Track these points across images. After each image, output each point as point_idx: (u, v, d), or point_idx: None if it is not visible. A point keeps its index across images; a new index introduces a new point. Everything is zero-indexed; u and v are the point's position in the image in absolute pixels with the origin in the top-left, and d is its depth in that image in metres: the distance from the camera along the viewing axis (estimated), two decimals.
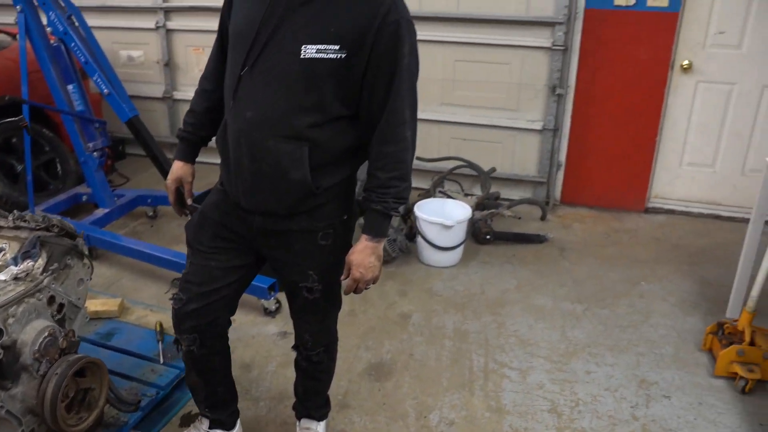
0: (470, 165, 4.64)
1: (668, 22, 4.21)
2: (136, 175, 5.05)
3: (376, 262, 1.90)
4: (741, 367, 2.79)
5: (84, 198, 4.23)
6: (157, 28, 5.26)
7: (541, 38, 4.46)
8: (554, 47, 4.41)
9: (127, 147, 5.13)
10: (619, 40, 4.32)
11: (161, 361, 2.76)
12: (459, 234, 3.92)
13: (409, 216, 4.18)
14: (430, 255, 3.95)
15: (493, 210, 4.35)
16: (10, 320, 1.98)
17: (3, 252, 2.21)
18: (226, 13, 1.94)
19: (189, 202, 2.16)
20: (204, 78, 2.09)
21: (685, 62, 4.33)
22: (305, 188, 1.83)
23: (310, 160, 1.80)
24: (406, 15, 1.75)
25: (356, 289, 1.93)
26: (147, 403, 2.52)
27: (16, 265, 2.15)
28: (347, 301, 3.47)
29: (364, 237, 1.88)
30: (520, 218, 4.42)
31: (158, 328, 2.91)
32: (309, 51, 1.71)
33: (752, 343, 2.83)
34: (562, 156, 4.72)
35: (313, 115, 1.77)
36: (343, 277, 1.96)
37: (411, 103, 1.81)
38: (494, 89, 4.69)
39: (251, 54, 1.76)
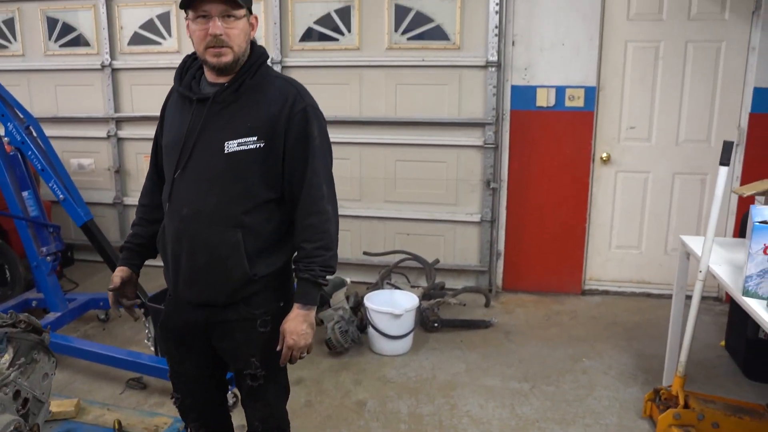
0: (415, 258, 4.87)
1: (586, 119, 4.68)
2: (86, 280, 5.06)
3: (309, 329, 2.02)
4: (679, 429, 2.98)
5: (34, 303, 4.22)
6: (109, 137, 5.46)
7: (474, 137, 4.85)
8: (486, 145, 4.80)
9: (75, 253, 5.17)
10: (544, 137, 4.76)
11: None
12: (408, 322, 4.08)
13: (359, 308, 4.33)
14: (381, 344, 4.08)
15: (439, 299, 4.53)
16: None
17: None
18: (158, 132, 2.20)
19: (127, 303, 2.27)
20: (142, 195, 2.29)
21: (604, 154, 4.78)
22: (243, 275, 2.00)
23: (245, 246, 1.99)
24: (312, 102, 2.02)
25: (291, 357, 2.03)
26: None
27: None
28: (303, 392, 3.57)
29: (295, 306, 2.02)
30: (465, 305, 4.63)
31: (116, 426, 2.90)
32: (231, 146, 1.94)
33: (686, 406, 3.04)
34: (501, 245, 5.02)
35: (243, 203, 1.98)
36: (278, 348, 2.04)
37: (327, 180, 2.04)
38: (434, 185, 5.02)
39: (182, 158, 1.99)
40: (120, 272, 2.24)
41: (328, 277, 2.03)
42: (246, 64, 1.97)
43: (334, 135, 4.88)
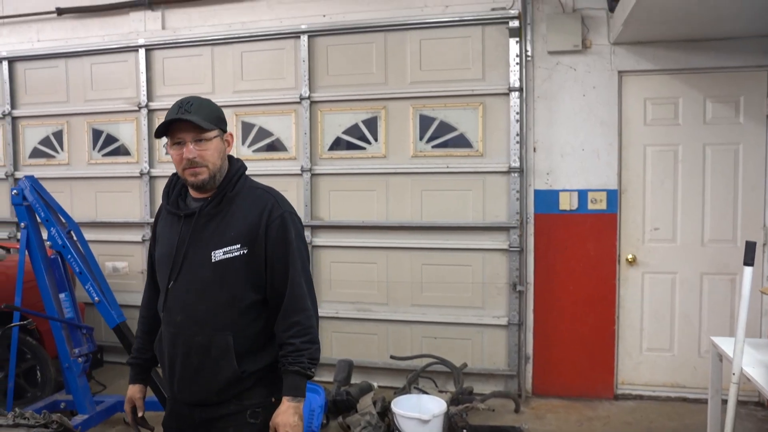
0: (442, 362, 4.82)
1: (609, 222, 4.74)
2: (114, 382, 5.08)
3: (299, 421, 2.10)
4: None
5: (62, 405, 4.24)
6: (144, 241, 5.65)
7: (498, 241, 4.92)
8: (511, 249, 4.86)
9: (105, 354, 5.22)
10: (569, 240, 4.81)
11: None
12: (436, 428, 3.99)
13: (386, 413, 4.26)
14: None
15: (467, 404, 4.44)
16: None
17: None
18: (152, 246, 2.37)
19: (140, 414, 2.39)
20: (141, 306, 2.44)
21: (630, 256, 4.80)
22: (233, 374, 2.12)
23: (235, 346, 2.12)
24: (288, 209, 2.20)
25: None
26: None
27: None
28: None
29: (285, 399, 2.11)
30: (493, 411, 4.52)
31: None
32: (218, 255, 2.11)
33: None
34: (530, 348, 4.96)
35: (231, 307, 2.13)
36: None
37: (306, 279, 2.17)
38: (460, 289, 5.04)
39: (173, 270, 2.16)
40: (131, 391, 2.38)
41: (314, 369, 2.12)
42: (226, 178, 2.17)
43: (362, 240, 5.10)
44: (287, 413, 2.08)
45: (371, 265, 5.22)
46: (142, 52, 5.54)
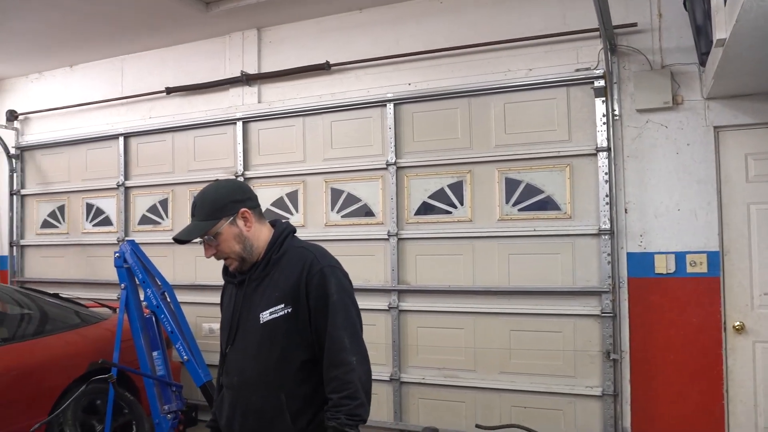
0: None
1: (711, 286, 4.41)
2: None
3: None
4: None
5: None
6: None
7: (590, 306, 4.70)
8: (603, 314, 4.62)
9: (200, 413, 5.39)
10: (667, 305, 4.51)
11: None
12: None
13: None
14: None
15: None
16: None
17: None
18: None
19: None
20: (218, 374, 2.50)
21: (737, 323, 4.41)
22: None
23: (288, 406, 2.14)
24: (329, 263, 2.23)
25: None
26: None
27: None
28: None
29: None
30: None
31: None
32: (264, 316, 2.19)
33: None
34: (627, 422, 4.62)
35: (281, 367, 2.17)
36: None
37: (350, 333, 2.15)
38: (550, 356, 4.82)
39: (230, 334, 2.28)
40: None
41: (357, 426, 2.10)
42: (270, 242, 2.26)
43: (448, 304, 5.04)
44: None
45: (458, 330, 5.12)
46: (239, 124, 5.91)
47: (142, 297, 4.37)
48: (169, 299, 4.41)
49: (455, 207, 5.16)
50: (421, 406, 5.23)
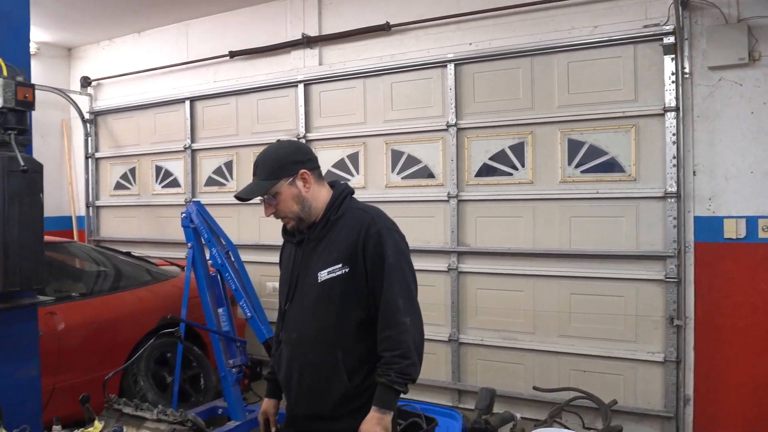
0: (589, 397, 4.54)
1: None
2: None
3: (383, 431, 2.12)
4: None
5: (220, 411, 4.61)
6: None
7: (654, 271, 4.59)
8: (667, 279, 4.52)
9: (264, 368, 5.59)
10: (736, 271, 4.36)
11: None
12: None
13: None
14: None
15: None
16: None
17: None
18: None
19: (273, 430, 2.56)
20: (275, 329, 2.61)
21: None
22: (344, 390, 2.22)
23: (344, 364, 2.21)
24: (386, 224, 2.26)
25: None
26: None
27: None
28: None
29: (372, 408, 2.15)
30: None
31: None
32: (322, 275, 2.24)
33: None
34: (690, 390, 4.54)
35: (338, 325, 2.23)
36: None
37: (405, 294, 2.19)
38: (611, 321, 4.76)
39: (290, 291, 2.35)
40: (265, 405, 2.57)
41: (406, 385, 2.16)
42: (329, 203, 2.30)
43: (508, 267, 5.02)
44: (371, 422, 2.14)
45: (518, 292, 5.11)
46: (301, 87, 5.97)
47: (208, 256, 4.53)
48: (233, 258, 4.56)
49: (516, 169, 5.10)
50: (479, 367, 5.27)
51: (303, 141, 5.92)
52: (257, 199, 2.32)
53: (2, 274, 3.05)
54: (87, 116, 7.68)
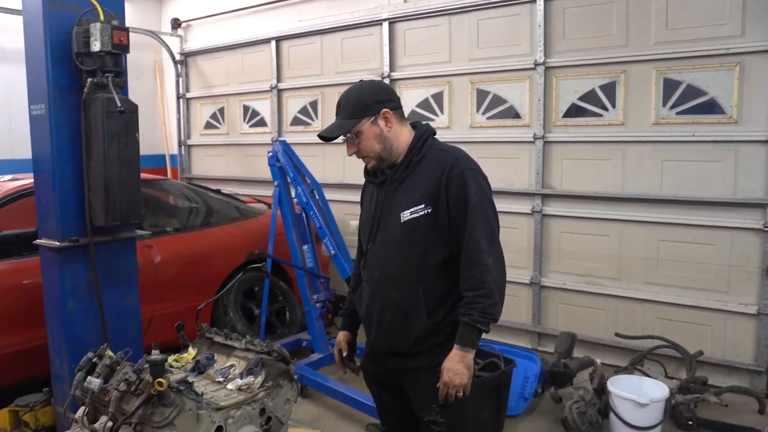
0: (674, 346, 4.46)
1: None
2: None
3: (464, 370, 2.17)
4: None
5: (304, 344, 4.82)
6: None
7: (752, 219, 4.36)
8: (766, 228, 4.28)
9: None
10: None
11: None
12: (655, 414, 3.73)
13: (603, 391, 4.10)
14: None
15: (698, 395, 4.07)
16: (230, 420, 2.41)
17: (233, 367, 2.71)
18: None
19: (345, 353, 2.63)
20: (354, 267, 2.67)
21: None
22: (424, 328, 2.25)
23: (425, 302, 2.24)
24: (469, 165, 2.25)
25: (447, 394, 2.18)
26: None
27: (241, 379, 2.62)
28: None
29: (454, 346, 2.19)
30: (727, 406, 4.06)
31: None
32: (405, 215, 2.26)
33: None
34: None
35: (420, 264, 2.25)
36: (436, 384, 2.21)
37: (488, 235, 2.19)
38: (701, 270, 4.58)
39: (372, 232, 2.37)
40: (340, 337, 2.63)
41: (489, 324, 2.18)
42: (411, 144, 2.30)
43: (595, 211, 4.89)
44: (453, 360, 2.18)
45: (603, 237, 4.98)
46: (385, 25, 5.89)
47: (293, 194, 4.65)
48: (317, 197, 4.66)
49: (606, 110, 4.89)
50: (560, 311, 5.23)
51: (387, 80, 5.88)
52: (341, 139, 2.34)
53: (104, 209, 3.26)
54: (177, 57, 7.91)
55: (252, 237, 5.19)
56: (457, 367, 2.17)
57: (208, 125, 7.80)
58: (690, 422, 3.91)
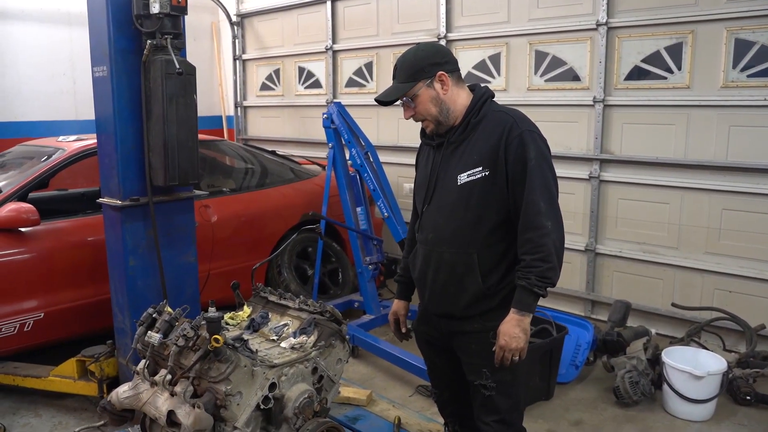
0: (734, 319, 4.33)
1: None
2: None
3: (521, 334, 2.16)
4: None
5: (356, 305, 4.89)
6: None
7: None
8: None
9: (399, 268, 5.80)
10: None
11: None
12: (711, 387, 3.66)
13: (657, 361, 4.04)
14: (676, 405, 3.74)
15: (757, 369, 3.96)
16: (283, 378, 2.47)
17: (287, 326, 2.77)
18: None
19: (403, 330, 2.66)
20: (408, 231, 2.68)
21: None
22: (477, 291, 2.24)
23: (479, 265, 2.22)
24: (528, 127, 2.20)
25: (503, 358, 2.18)
26: None
27: (294, 338, 2.68)
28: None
29: (511, 310, 2.18)
30: None
31: (396, 422, 3.22)
32: (462, 178, 2.24)
33: None
34: None
35: (475, 227, 2.23)
36: (494, 348, 2.21)
37: (547, 198, 2.14)
38: (766, 241, 4.41)
39: (428, 193, 2.35)
40: (395, 306, 2.66)
41: (546, 288, 2.15)
42: (470, 106, 2.28)
43: (655, 177, 4.75)
44: (510, 323, 2.18)
45: (663, 205, 4.84)
46: None
47: (348, 156, 4.66)
48: (371, 159, 4.66)
49: (671, 72, 4.69)
50: (615, 279, 5.13)
51: (443, 42, 5.78)
52: (398, 102, 2.33)
53: (163, 169, 3.34)
54: (234, 19, 7.94)
55: (306, 198, 5.24)
56: (513, 330, 2.16)
57: (264, 87, 7.86)
58: (748, 397, 3.82)
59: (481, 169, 2.20)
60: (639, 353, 4.08)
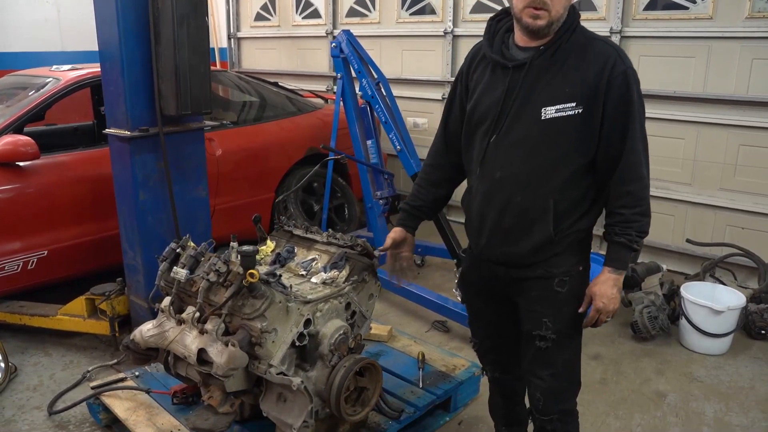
0: (748, 254, 4.31)
1: None
2: None
3: (617, 294, 2.00)
4: None
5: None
6: (443, 99, 5.84)
7: None
8: None
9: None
10: None
11: (420, 385, 2.98)
12: (729, 322, 3.66)
13: (673, 297, 4.02)
14: (693, 339, 3.74)
15: None
16: (318, 314, 2.38)
17: (316, 261, 2.66)
18: (453, 98, 2.23)
19: (405, 264, 2.42)
20: (428, 155, 2.39)
21: None
22: (546, 238, 2.00)
23: (554, 210, 1.97)
24: (630, 65, 1.92)
25: (597, 321, 2.03)
26: (404, 418, 2.75)
27: (325, 273, 2.57)
28: (599, 368, 3.47)
29: (606, 269, 2.00)
30: None
31: (420, 357, 3.17)
32: (549, 112, 1.92)
33: None
34: None
35: (556, 170, 1.96)
36: (581, 310, 2.05)
37: (644, 145, 1.94)
38: None
39: (498, 124, 2.00)
40: (393, 233, 2.38)
41: (641, 242, 1.98)
42: (562, 28, 1.92)
43: (671, 111, 4.62)
44: (606, 284, 1.99)
45: (678, 140, 4.74)
46: None
47: (357, 87, 4.47)
48: (383, 90, 4.47)
49: (693, 2, 4.52)
50: None
51: None
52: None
53: (174, 97, 3.15)
54: None
55: (311, 132, 5.06)
56: (611, 291, 1.99)
57: (259, 17, 7.51)
58: (763, 331, 3.84)
59: (574, 105, 1.89)
60: (656, 288, 4.05)
